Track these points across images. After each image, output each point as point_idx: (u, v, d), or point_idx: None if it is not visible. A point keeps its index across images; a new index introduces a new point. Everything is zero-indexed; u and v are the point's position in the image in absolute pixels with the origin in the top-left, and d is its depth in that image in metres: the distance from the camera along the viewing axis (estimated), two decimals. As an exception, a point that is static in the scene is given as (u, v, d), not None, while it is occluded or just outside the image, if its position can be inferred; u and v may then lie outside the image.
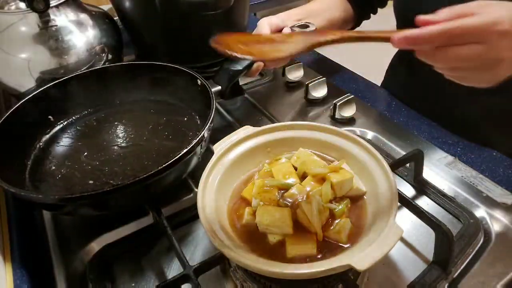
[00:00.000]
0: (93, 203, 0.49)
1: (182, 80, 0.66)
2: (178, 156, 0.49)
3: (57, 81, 0.67)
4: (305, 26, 0.71)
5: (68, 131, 0.67)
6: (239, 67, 0.66)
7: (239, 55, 0.44)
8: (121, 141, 0.64)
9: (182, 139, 0.50)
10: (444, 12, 0.40)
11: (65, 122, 0.68)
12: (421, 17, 0.41)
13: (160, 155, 0.47)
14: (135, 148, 0.62)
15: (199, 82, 0.63)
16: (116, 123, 0.68)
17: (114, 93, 0.71)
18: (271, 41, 0.48)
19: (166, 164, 0.48)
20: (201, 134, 0.53)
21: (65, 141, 0.65)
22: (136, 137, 0.64)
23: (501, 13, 0.40)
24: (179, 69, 0.67)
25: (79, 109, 0.70)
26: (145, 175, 0.47)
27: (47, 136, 0.65)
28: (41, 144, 0.64)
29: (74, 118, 0.69)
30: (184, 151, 0.50)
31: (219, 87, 0.66)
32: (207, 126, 0.54)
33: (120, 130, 0.66)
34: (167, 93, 0.69)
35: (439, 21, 0.39)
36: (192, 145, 0.51)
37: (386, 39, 0.41)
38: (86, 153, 0.62)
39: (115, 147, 0.63)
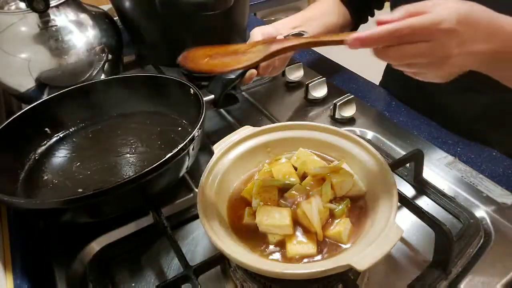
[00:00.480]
0: (79, 208, 0.49)
1: (176, 90, 0.67)
2: (161, 161, 0.49)
3: (54, 94, 0.67)
4: (299, 34, 0.71)
5: (64, 142, 0.67)
6: (232, 76, 0.67)
7: (203, 71, 0.47)
8: (115, 151, 0.64)
9: (173, 148, 0.51)
10: (398, 11, 0.41)
11: (62, 134, 0.68)
12: (379, 17, 0.42)
13: (150, 163, 0.48)
14: (127, 157, 0.62)
15: (191, 91, 0.64)
16: (111, 134, 0.68)
17: (111, 106, 0.71)
18: (235, 53, 0.49)
19: (149, 168, 0.48)
20: (191, 136, 0.53)
21: (60, 153, 0.65)
22: (129, 147, 0.64)
23: (450, 11, 0.41)
24: (173, 80, 0.67)
25: (76, 121, 0.70)
26: (127, 179, 0.47)
27: (43, 147, 0.65)
28: (36, 155, 0.64)
29: (70, 130, 0.69)
30: (169, 155, 0.50)
31: (213, 96, 0.66)
32: (196, 129, 0.55)
33: (114, 141, 0.66)
34: (163, 104, 0.70)
35: (393, 20, 0.41)
36: (178, 149, 0.51)
37: (341, 42, 0.42)
38: (78, 163, 0.62)
39: (108, 158, 0.63)
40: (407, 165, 0.61)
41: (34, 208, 0.49)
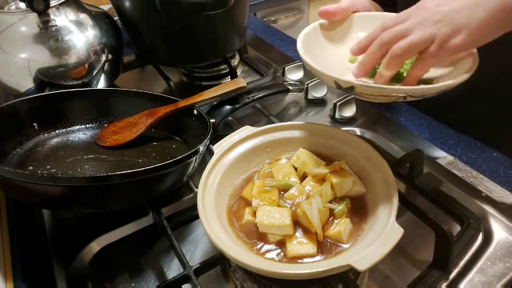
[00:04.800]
0: (88, 192, 0.49)
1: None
2: (175, 159, 0.50)
3: (49, 92, 0.66)
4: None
5: (53, 140, 0.66)
6: (235, 105, 0.71)
7: (112, 146, 0.63)
8: (106, 154, 0.63)
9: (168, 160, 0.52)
10: None
11: (51, 133, 0.67)
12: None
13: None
14: (120, 161, 0.61)
15: (195, 111, 0.65)
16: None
17: (106, 114, 0.70)
18: (132, 125, 0.65)
19: (163, 163, 0.49)
20: (202, 142, 0.54)
21: (46, 149, 0.63)
22: (122, 154, 0.63)
23: None
24: (174, 100, 0.68)
25: (68, 122, 0.68)
26: (139, 170, 0.47)
27: (29, 142, 0.64)
28: (22, 148, 0.62)
29: (59, 131, 0.67)
30: (179, 157, 0.50)
31: (213, 120, 0.67)
32: (204, 142, 0.56)
33: (106, 148, 0.65)
34: (161, 121, 0.68)
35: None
36: (193, 150, 0.52)
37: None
38: (68, 160, 0.61)
39: (100, 158, 0.62)
40: (407, 165, 0.61)
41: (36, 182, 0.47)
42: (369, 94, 0.45)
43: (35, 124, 0.65)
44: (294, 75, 0.87)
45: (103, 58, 0.76)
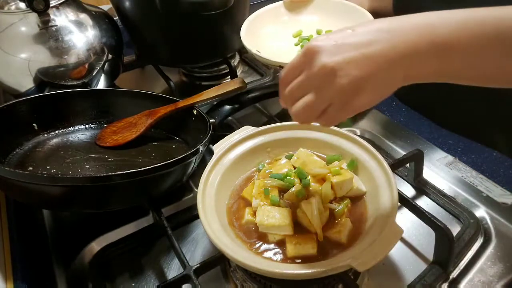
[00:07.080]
0: (89, 192, 0.49)
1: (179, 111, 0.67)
2: (175, 159, 0.50)
3: (49, 92, 0.67)
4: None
5: (53, 140, 0.66)
6: (235, 105, 0.72)
7: (112, 146, 0.63)
8: (106, 155, 0.63)
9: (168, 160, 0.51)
10: None
11: (51, 133, 0.67)
12: None
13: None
14: (120, 161, 0.61)
15: (195, 111, 0.65)
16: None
17: (106, 114, 0.70)
18: (132, 124, 0.66)
19: (163, 163, 0.49)
20: (202, 142, 0.54)
21: (46, 149, 0.63)
22: (122, 154, 0.63)
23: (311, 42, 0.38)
24: (173, 100, 0.68)
25: (68, 122, 0.69)
26: (139, 170, 0.47)
27: (29, 142, 0.64)
28: (21, 149, 0.62)
29: (59, 131, 0.67)
30: (179, 157, 0.50)
31: (213, 120, 0.66)
32: (204, 142, 0.56)
33: (105, 148, 0.65)
34: (160, 120, 0.68)
35: None
36: (192, 150, 0.52)
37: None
38: (68, 160, 0.61)
39: (100, 158, 0.62)
40: (407, 165, 0.61)
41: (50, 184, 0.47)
42: None
43: (35, 124, 0.66)
44: (294, 75, 0.87)
45: (103, 58, 0.76)
